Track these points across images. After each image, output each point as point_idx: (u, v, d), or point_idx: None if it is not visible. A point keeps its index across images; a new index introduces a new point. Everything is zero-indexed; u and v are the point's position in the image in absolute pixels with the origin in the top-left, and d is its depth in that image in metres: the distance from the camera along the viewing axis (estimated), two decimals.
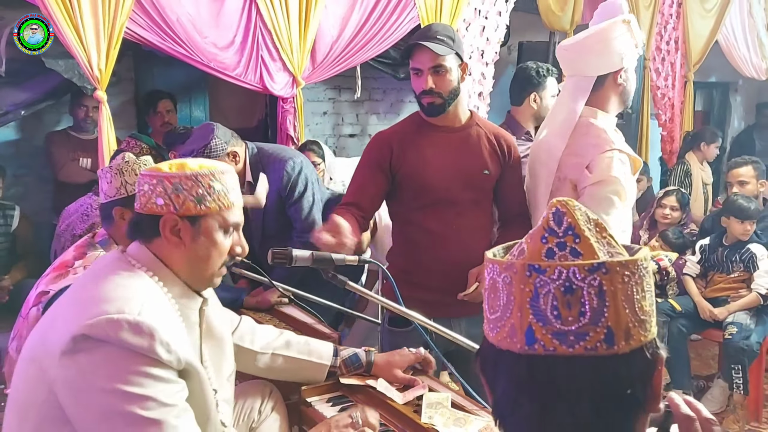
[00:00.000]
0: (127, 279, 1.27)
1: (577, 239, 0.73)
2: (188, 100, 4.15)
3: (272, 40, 3.33)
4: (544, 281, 0.71)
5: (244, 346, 1.62)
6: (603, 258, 0.72)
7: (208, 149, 2.42)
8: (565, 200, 0.76)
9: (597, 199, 1.88)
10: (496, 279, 0.76)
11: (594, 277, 0.70)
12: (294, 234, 2.67)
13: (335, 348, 1.69)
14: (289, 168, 2.57)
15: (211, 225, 1.33)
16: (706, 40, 5.50)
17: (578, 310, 0.70)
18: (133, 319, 1.18)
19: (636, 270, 0.73)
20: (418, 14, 3.83)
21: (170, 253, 1.32)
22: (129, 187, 1.85)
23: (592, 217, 0.76)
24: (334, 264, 1.52)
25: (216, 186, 1.32)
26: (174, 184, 1.29)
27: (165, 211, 1.29)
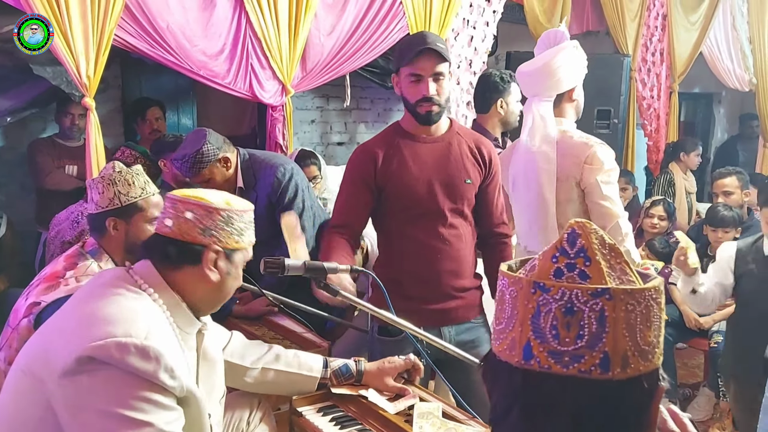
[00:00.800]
0: (132, 300, 1.27)
1: (587, 262, 0.74)
2: (176, 107, 4.14)
3: (262, 49, 3.33)
4: (546, 300, 0.72)
5: (234, 362, 1.61)
6: (611, 284, 0.72)
7: (200, 154, 2.43)
8: (583, 222, 0.76)
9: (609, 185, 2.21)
10: (504, 291, 0.77)
11: (597, 301, 0.70)
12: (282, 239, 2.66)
13: (325, 360, 1.68)
14: (280, 174, 2.58)
15: (239, 259, 1.39)
16: (691, 52, 5.58)
17: (576, 333, 0.71)
18: (141, 343, 1.18)
19: (643, 300, 0.72)
20: (407, 24, 3.86)
21: (197, 282, 1.33)
22: (123, 197, 1.84)
23: (609, 242, 0.76)
24: (326, 273, 1.52)
25: (251, 223, 1.40)
26: (225, 217, 1.33)
27: (210, 242, 1.32)
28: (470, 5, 4.22)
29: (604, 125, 4.83)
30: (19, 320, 1.84)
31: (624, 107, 4.91)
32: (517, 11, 4.55)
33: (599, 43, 5.38)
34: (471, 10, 4.24)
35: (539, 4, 4.52)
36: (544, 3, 4.56)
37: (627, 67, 4.91)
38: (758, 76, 6.14)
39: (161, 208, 1.44)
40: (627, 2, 4.96)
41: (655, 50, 5.39)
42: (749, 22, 5.97)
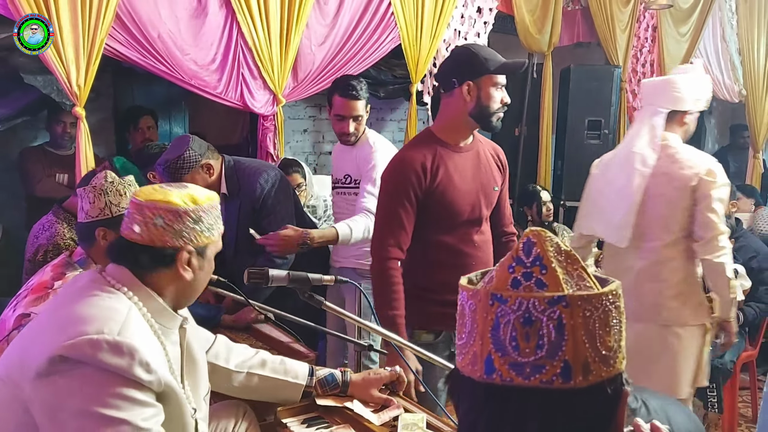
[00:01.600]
0: (105, 299, 1.27)
1: (543, 270, 0.73)
2: (168, 117, 4.14)
3: (253, 58, 3.34)
4: (505, 311, 0.72)
5: (219, 364, 1.61)
6: (568, 291, 0.72)
7: (182, 160, 2.44)
8: (537, 230, 0.76)
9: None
10: (464, 305, 0.77)
11: (554, 309, 0.70)
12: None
13: (311, 368, 1.68)
14: (263, 181, 2.59)
15: (211, 251, 1.39)
16: (681, 63, 5.62)
17: (536, 343, 0.70)
18: (113, 339, 1.17)
19: (600, 305, 0.72)
20: (399, 35, 3.88)
21: (169, 282, 1.34)
22: (113, 207, 1.84)
23: (564, 249, 0.76)
24: (311, 284, 1.52)
25: (218, 215, 1.39)
26: (194, 218, 1.32)
27: (182, 244, 1.32)
28: (462, 16, 4.25)
29: (594, 135, 4.87)
30: (9, 332, 1.83)
31: (615, 118, 4.94)
32: (508, 22, 4.59)
33: (590, 55, 5.42)
34: (462, 21, 4.27)
35: (529, 15, 4.55)
36: (535, 14, 4.59)
37: (617, 78, 4.95)
38: (748, 88, 6.19)
39: None
40: (617, 14, 5.00)
41: (645, 61, 5.44)
42: (738, 34, 6.02)
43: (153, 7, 2.99)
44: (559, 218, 4.88)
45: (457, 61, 2.11)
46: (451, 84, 2.06)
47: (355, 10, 3.69)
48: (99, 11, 2.78)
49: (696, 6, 5.57)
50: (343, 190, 2.87)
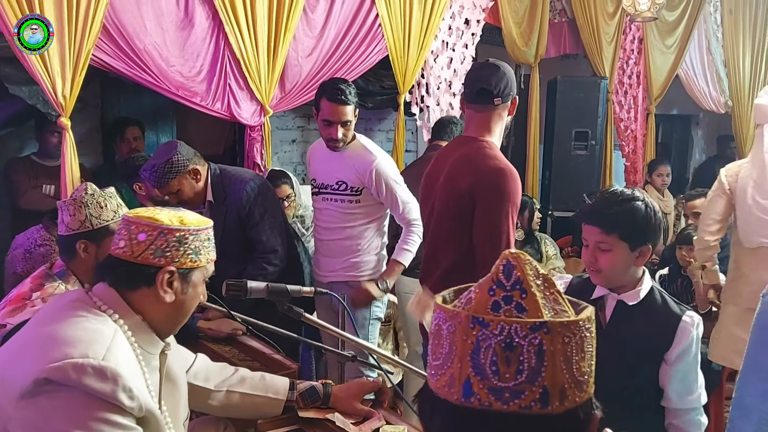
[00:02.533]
0: (91, 321, 1.26)
1: (524, 294, 0.73)
2: (155, 127, 4.14)
3: (240, 69, 3.35)
4: (486, 335, 0.71)
5: (199, 384, 1.59)
6: (547, 316, 0.73)
7: (169, 164, 2.43)
8: (516, 253, 0.76)
9: None
10: (441, 326, 0.76)
11: (535, 335, 0.70)
12: (255, 255, 2.66)
13: (292, 382, 1.67)
14: (249, 189, 2.59)
15: (198, 277, 1.37)
16: (667, 75, 5.68)
17: (516, 368, 0.70)
18: (98, 364, 1.17)
19: (578, 331, 0.73)
20: (386, 46, 3.90)
21: (153, 303, 1.33)
22: (94, 220, 1.83)
23: (541, 272, 0.77)
24: (290, 296, 1.52)
25: (208, 241, 1.38)
26: (178, 237, 1.31)
27: (163, 263, 1.31)
28: (449, 28, 4.28)
29: (581, 146, 4.90)
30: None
31: (601, 129, 4.99)
32: (496, 34, 4.62)
33: (577, 66, 5.46)
34: (450, 33, 4.30)
35: (516, 27, 4.59)
36: (521, 26, 4.63)
37: (604, 90, 4.99)
38: (733, 99, 6.25)
39: None
40: (603, 26, 5.05)
41: (631, 73, 5.49)
42: (724, 46, 6.09)
43: (139, 19, 2.99)
44: (546, 228, 4.90)
45: (512, 78, 2.22)
46: (510, 97, 2.17)
47: (343, 22, 3.71)
48: (85, 22, 2.78)
49: (682, 18, 5.63)
50: (333, 196, 2.80)
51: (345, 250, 2.79)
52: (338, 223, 2.79)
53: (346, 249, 2.79)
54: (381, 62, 3.99)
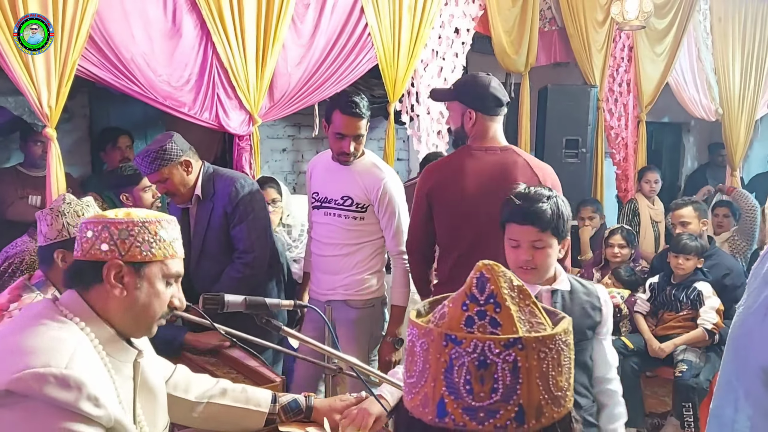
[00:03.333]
0: (55, 330, 1.24)
1: (498, 308, 0.72)
2: (144, 136, 4.13)
3: (228, 78, 3.34)
4: (459, 353, 0.69)
5: (178, 395, 1.57)
6: (522, 330, 0.71)
7: (162, 151, 2.45)
8: (491, 264, 0.74)
9: None
10: (414, 342, 0.74)
11: (509, 352, 0.69)
12: (235, 255, 2.63)
13: (274, 395, 1.66)
14: (238, 185, 2.59)
15: (154, 273, 1.33)
16: (657, 82, 5.70)
17: (491, 386, 0.69)
18: (60, 372, 1.15)
19: (554, 345, 0.71)
20: (376, 55, 3.90)
21: (108, 301, 1.30)
22: (71, 229, 1.82)
23: (516, 284, 0.75)
24: (269, 309, 1.50)
25: (162, 234, 1.33)
26: (120, 229, 1.29)
27: (109, 257, 1.28)
28: (439, 37, 4.28)
29: (572, 154, 4.91)
30: None
31: (592, 137, 4.99)
32: (486, 42, 4.63)
33: (567, 74, 5.48)
34: (440, 42, 4.30)
35: (506, 36, 4.60)
36: (511, 35, 4.64)
37: (594, 98, 5.00)
38: (724, 106, 6.27)
39: None
40: (593, 34, 5.06)
41: (621, 81, 5.50)
42: (714, 54, 6.11)
43: (126, 28, 2.98)
44: None
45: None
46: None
47: (332, 31, 3.71)
48: (71, 32, 2.77)
49: (671, 26, 5.65)
50: (337, 211, 2.72)
51: (346, 268, 2.72)
52: (340, 240, 2.72)
53: (346, 266, 2.72)
54: (371, 71, 3.99)
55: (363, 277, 2.73)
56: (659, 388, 4.12)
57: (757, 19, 6.26)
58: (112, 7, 2.92)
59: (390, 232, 2.69)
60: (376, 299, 2.78)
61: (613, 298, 3.73)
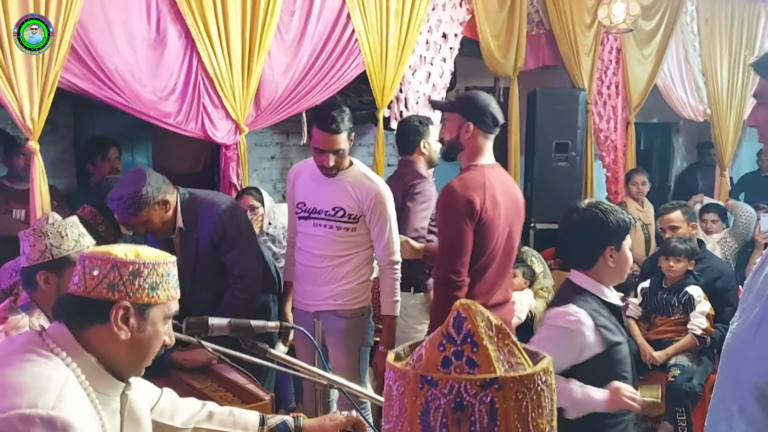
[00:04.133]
0: (41, 366, 1.20)
1: (475, 348, 0.70)
2: (130, 147, 4.08)
3: (214, 88, 3.31)
4: (435, 395, 0.67)
5: (164, 422, 1.53)
6: (500, 371, 0.69)
7: (138, 196, 2.36)
8: (467, 303, 0.73)
9: None
10: (391, 386, 0.72)
11: (486, 393, 0.67)
12: (231, 281, 2.61)
13: (262, 417, 1.62)
14: (222, 213, 2.54)
15: (157, 315, 1.31)
16: (645, 84, 5.71)
17: (467, 429, 0.67)
18: (46, 414, 1.11)
19: (533, 385, 0.69)
20: (364, 61, 3.88)
21: (109, 341, 1.27)
22: (54, 250, 1.78)
23: (495, 323, 0.73)
24: (254, 332, 1.47)
25: (168, 276, 1.32)
26: (132, 270, 1.26)
27: (117, 298, 1.25)
28: (426, 42, 4.27)
29: (562, 158, 4.90)
30: None
31: (581, 140, 4.99)
32: (474, 46, 4.62)
33: (556, 78, 5.47)
34: (427, 47, 4.28)
35: (494, 41, 4.58)
36: (499, 39, 4.63)
37: (583, 101, 5.01)
38: (712, 107, 6.29)
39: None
40: (581, 37, 5.06)
41: (610, 83, 5.50)
42: (701, 56, 6.13)
43: (109, 39, 2.94)
44: (529, 241, 4.88)
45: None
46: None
47: (319, 38, 3.68)
48: (53, 43, 2.73)
49: (659, 28, 5.67)
50: (328, 222, 2.70)
51: (335, 278, 2.71)
52: (330, 251, 2.70)
53: (336, 277, 2.71)
54: (360, 77, 3.96)
55: (353, 287, 2.72)
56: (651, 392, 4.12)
57: (743, 20, 6.29)
58: (95, 18, 2.88)
59: (381, 242, 2.68)
60: (365, 308, 2.78)
61: None
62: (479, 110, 2.45)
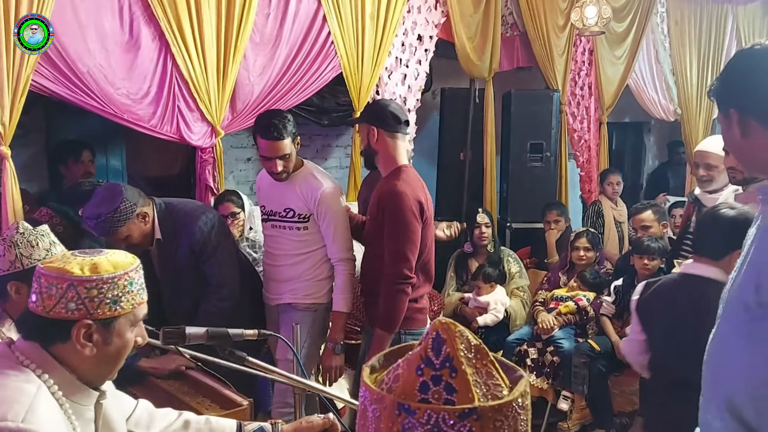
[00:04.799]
0: (11, 379, 1.19)
1: (453, 373, 0.69)
2: (104, 150, 4.03)
3: (189, 90, 3.29)
4: (412, 423, 0.67)
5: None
6: (477, 396, 0.68)
7: (117, 213, 2.31)
8: (448, 323, 0.72)
9: None
10: (366, 408, 0.71)
11: (464, 423, 0.66)
12: (210, 290, 2.60)
13: (239, 424, 1.62)
14: (202, 224, 2.53)
15: (123, 325, 1.29)
16: (618, 85, 5.79)
17: None
18: (16, 426, 1.10)
19: (510, 412, 0.68)
20: (340, 63, 3.88)
21: (74, 358, 1.25)
22: (25, 260, 1.76)
23: (474, 343, 0.72)
24: (232, 340, 1.47)
25: (130, 286, 1.28)
26: (88, 288, 1.22)
27: (77, 317, 1.22)
28: (402, 44, 4.28)
29: (536, 158, 4.96)
30: None
31: (555, 140, 5.05)
32: (450, 47, 4.65)
33: (530, 79, 5.53)
34: (403, 50, 4.30)
35: (469, 42, 4.62)
36: (474, 41, 4.66)
37: (557, 102, 5.06)
38: (682, 106, 6.40)
39: None
40: (554, 39, 5.12)
41: (583, 84, 5.57)
42: (671, 56, 6.24)
43: (81, 41, 2.91)
44: (506, 240, 4.93)
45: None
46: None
47: (294, 40, 3.68)
48: None
49: (630, 30, 5.75)
50: (282, 223, 2.80)
51: (293, 276, 2.78)
52: (287, 250, 2.78)
53: (294, 274, 2.78)
54: (336, 78, 3.97)
55: (309, 284, 2.80)
56: (627, 387, 4.19)
57: (711, 21, 6.41)
58: (66, 20, 2.84)
59: (329, 239, 2.73)
60: (320, 305, 2.81)
61: (580, 301, 3.79)
62: (379, 113, 2.64)
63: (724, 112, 1.29)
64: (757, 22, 6.79)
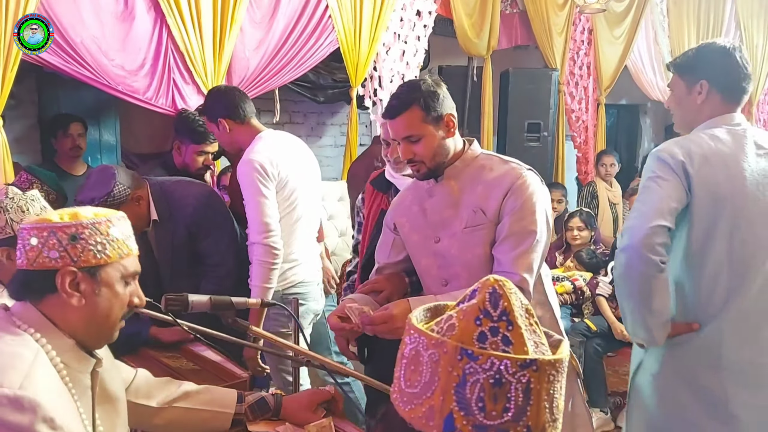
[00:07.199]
0: (9, 344, 1.16)
1: (510, 326, 0.72)
2: (97, 123, 3.96)
3: (185, 63, 3.24)
4: (474, 369, 0.69)
5: (140, 402, 1.50)
6: (530, 349, 0.71)
7: (111, 197, 2.26)
8: (502, 281, 0.74)
9: None
10: (420, 352, 0.72)
11: (524, 373, 0.69)
12: (207, 269, 2.56)
13: (240, 394, 1.61)
14: (196, 202, 2.48)
15: (111, 275, 1.24)
16: (616, 65, 5.76)
17: (503, 405, 0.68)
18: (13, 393, 1.08)
19: (561, 369, 0.72)
20: (337, 38, 3.83)
21: (65, 311, 1.22)
22: (15, 225, 1.71)
23: (523, 302, 0.75)
24: (235, 308, 1.45)
25: (115, 233, 1.24)
26: (70, 234, 1.19)
27: (61, 265, 1.19)
28: (401, 19, 4.23)
29: (534, 138, 4.94)
30: None
31: (553, 120, 5.03)
32: (448, 25, 4.60)
33: (528, 58, 5.49)
34: (402, 25, 4.25)
35: (468, 19, 4.57)
36: (473, 17, 4.61)
37: (555, 81, 5.03)
38: None
39: None
40: (553, 17, 5.08)
41: (582, 64, 5.54)
42: (670, 37, 6.21)
43: (75, 11, 2.85)
44: None
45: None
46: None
47: (291, 14, 3.62)
48: (16, 16, 2.64)
49: (629, 9, 5.71)
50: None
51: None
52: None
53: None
54: (332, 54, 3.91)
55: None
56: (620, 367, 4.21)
57: (710, 2, 6.37)
58: None
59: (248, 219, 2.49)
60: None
61: (576, 281, 3.80)
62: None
63: (692, 82, 1.85)
64: (755, 4, 6.75)
